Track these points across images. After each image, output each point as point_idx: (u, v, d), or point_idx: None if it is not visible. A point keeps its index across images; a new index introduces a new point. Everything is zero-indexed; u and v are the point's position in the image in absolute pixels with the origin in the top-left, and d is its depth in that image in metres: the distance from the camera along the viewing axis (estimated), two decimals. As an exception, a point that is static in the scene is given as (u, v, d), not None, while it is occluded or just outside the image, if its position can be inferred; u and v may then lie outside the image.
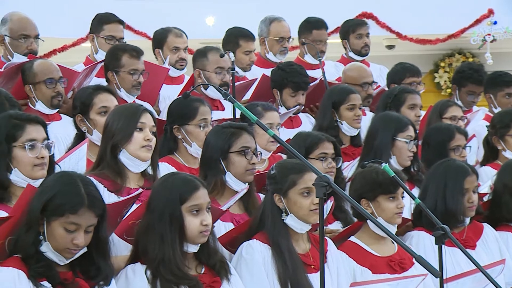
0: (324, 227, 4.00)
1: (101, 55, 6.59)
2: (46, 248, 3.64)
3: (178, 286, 3.92)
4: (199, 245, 4.02)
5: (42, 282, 3.60)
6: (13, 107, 4.75)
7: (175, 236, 3.93)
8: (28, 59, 5.98)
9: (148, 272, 3.93)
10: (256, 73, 7.26)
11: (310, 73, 6.90)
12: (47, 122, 4.26)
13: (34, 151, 4.01)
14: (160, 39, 7.11)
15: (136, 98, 6.13)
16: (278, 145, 5.59)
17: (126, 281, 3.95)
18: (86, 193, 3.66)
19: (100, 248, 3.72)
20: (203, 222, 3.98)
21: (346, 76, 7.01)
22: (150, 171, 4.56)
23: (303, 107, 6.61)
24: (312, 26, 7.82)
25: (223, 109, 6.52)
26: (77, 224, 3.63)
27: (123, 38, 6.91)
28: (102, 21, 6.88)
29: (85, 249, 3.68)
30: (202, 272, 4.06)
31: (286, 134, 5.97)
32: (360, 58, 7.95)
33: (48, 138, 4.08)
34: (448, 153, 5.71)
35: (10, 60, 6.30)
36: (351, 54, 8.01)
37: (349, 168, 5.65)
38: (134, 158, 4.47)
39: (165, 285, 3.91)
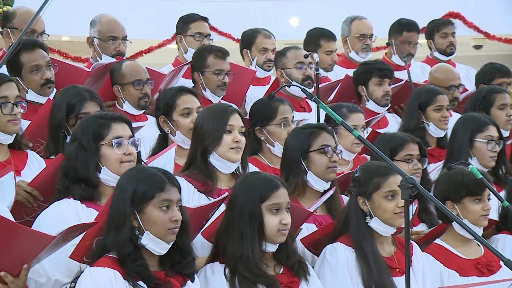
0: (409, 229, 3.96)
1: (191, 54, 6.61)
2: (146, 239, 3.67)
3: (256, 284, 3.94)
4: (278, 245, 4.03)
5: (138, 282, 3.63)
6: (94, 98, 4.83)
7: (254, 234, 3.96)
8: (115, 61, 6.08)
9: (227, 270, 3.96)
10: (340, 73, 7.24)
11: (396, 74, 6.84)
12: (133, 123, 4.33)
13: (121, 148, 4.07)
14: (249, 39, 7.15)
15: (223, 99, 6.17)
16: (362, 146, 5.57)
17: (205, 280, 3.98)
18: (161, 172, 3.74)
19: (184, 228, 3.75)
20: (282, 221, 3.99)
21: (432, 78, 6.92)
22: (240, 170, 4.59)
23: (389, 98, 6.53)
24: (403, 28, 7.74)
25: (310, 110, 6.52)
26: (169, 200, 3.69)
27: (210, 35, 6.97)
28: (186, 21, 6.95)
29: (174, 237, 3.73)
30: (281, 272, 4.07)
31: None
32: (445, 58, 7.84)
33: (133, 136, 4.14)
34: None
35: (99, 61, 6.41)
36: (436, 54, 7.89)
37: (436, 170, 5.59)
38: (224, 160, 4.49)
39: (243, 283, 3.93)
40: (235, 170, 4.56)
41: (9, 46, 5.56)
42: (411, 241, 4.39)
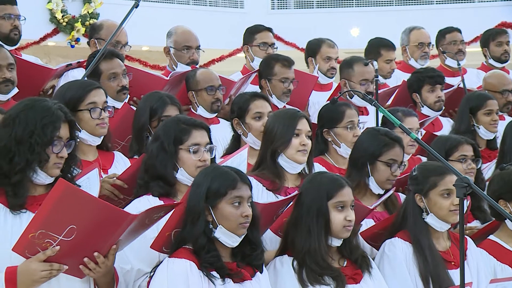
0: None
1: (257, 62, 6.65)
2: (219, 233, 3.68)
3: (322, 276, 3.92)
4: (342, 240, 4.01)
5: (211, 272, 3.64)
6: (174, 103, 4.86)
7: (321, 230, 3.94)
8: (190, 69, 6.12)
9: (295, 263, 3.95)
10: (401, 77, 7.20)
11: (451, 80, 6.77)
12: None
13: (197, 154, 4.06)
14: (314, 48, 7.13)
15: (287, 104, 6.17)
16: (416, 147, 5.52)
17: (274, 271, 3.97)
18: (233, 171, 3.74)
19: (254, 223, 3.75)
20: (347, 218, 3.97)
21: (486, 83, 6.84)
22: (306, 170, 4.58)
23: (442, 103, 6.45)
24: (444, 32, 7.73)
25: (367, 114, 6.47)
26: (240, 197, 3.69)
27: (274, 44, 6.99)
28: (252, 32, 6.98)
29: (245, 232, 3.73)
30: (345, 265, 4.04)
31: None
32: (500, 65, 7.75)
33: (211, 142, 4.13)
34: None
35: (174, 70, 6.45)
36: (491, 61, 7.82)
37: (486, 170, 5.50)
38: (292, 161, 4.49)
39: (310, 275, 3.91)
40: (302, 170, 4.54)
41: (90, 55, 5.63)
42: (466, 236, 4.33)
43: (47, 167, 3.53)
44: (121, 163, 4.63)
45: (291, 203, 4.12)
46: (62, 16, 12.97)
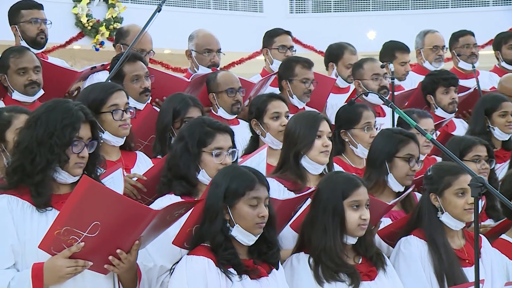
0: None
1: (276, 65, 6.68)
2: (236, 232, 3.69)
3: (337, 273, 3.92)
4: (357, 238, 4.01)
5: (229, 269, 3.65)
6: (197, 105, 4.88)
7: (336, 228, 3.94)
8: (211, 71, 6.13)
9: (311, 260, 3.95)
10: (415, 79, 7.18)
11: (465, 82, 6.74)
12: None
13: (219, 157, 4.06)
14: (336, 54, 7.12)
15: (306, 105, 6.18)
16: (431, 148, 5.49)
17: (291, 268, 3.98)
18: (252, 172, 3.74)
19: (271, 222, 3.75)
20: (362, 217, 3.97)
21: (502, 87, 6.79)
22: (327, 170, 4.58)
23: (456, 105, 6.43)
24: (458, 35, 7.70)
25: (384, 115, 6.47)
26: (258, 198, 3.69)
27: (293, 47, 6.99)
28: (271, 35, 6.99)
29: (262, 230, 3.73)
30: (360, 262, 4.04)
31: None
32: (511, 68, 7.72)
33: (234, 146, 4.12)
34: None
35: (196, 72, 6.47)
36: (503, 64, 7.79)
37: (500, 170, 5.48)
38: (314, 163, 4.50)
39: (326, 272, 3.91)
40: (323, 170, 4.54)
41: (114, 58, 5.65)
42: (480, 234, 4.32)
43: (68, 167, 3.55)
44: (143, 163, 4.65)
45: (308, 199, 4.12)
46: (87, 20, 13.05)
